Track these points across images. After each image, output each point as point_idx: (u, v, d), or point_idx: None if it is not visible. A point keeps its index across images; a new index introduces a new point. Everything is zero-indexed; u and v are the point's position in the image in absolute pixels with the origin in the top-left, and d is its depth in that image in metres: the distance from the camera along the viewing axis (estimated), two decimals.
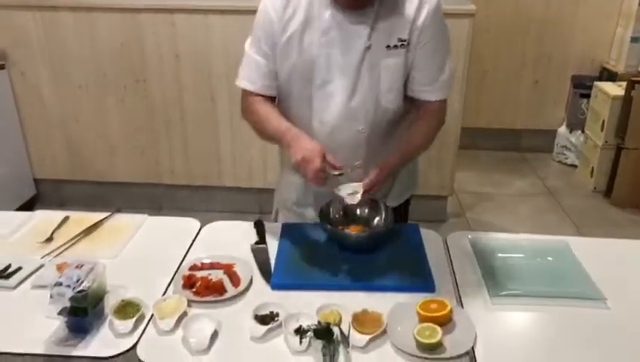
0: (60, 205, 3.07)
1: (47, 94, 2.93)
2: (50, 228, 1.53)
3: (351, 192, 1.33)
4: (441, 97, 1.43)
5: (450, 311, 1.15)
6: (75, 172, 3.10)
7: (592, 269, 1.33)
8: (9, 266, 1.35)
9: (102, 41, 2.79)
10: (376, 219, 1.45)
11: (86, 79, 2.88)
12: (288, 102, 1.47)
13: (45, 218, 1.59)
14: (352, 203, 1.33)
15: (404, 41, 1.35)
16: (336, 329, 1.11)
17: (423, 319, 1.14)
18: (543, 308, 1.22)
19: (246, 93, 1.46)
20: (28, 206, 3.01)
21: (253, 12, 2.21)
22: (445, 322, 1.14)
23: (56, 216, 1.59)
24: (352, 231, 1.41)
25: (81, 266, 1.16)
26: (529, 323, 1.21)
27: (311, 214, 1.58)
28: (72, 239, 1.48)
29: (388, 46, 1.35)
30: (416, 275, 1.31)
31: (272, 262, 1.38)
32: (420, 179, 1.71)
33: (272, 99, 1.47)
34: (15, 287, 1.29)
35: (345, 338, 1.09)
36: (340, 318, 1.16)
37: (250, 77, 1.44)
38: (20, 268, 1.35)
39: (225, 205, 3.06)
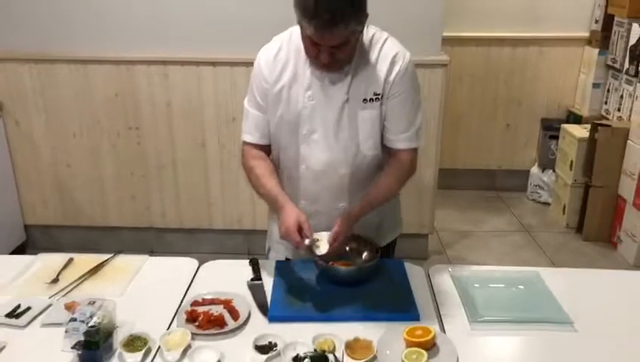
0: (50, 251, 3.11)
1: (40, 142, 3.03)
2: (54, 269, 1.61)
3: (317, 245, 1.44)
4: (410, 146, 1.55)
5: (434, 336, 1.27)
6: (65, 217, 3.17)
7: (561, 296, 1.46)
8: (18, 306, 1.43)
9: (96, 92, 2.92)
10: (364, 254, 1.57)
11: (80, 127, 2.99)
12: (278, 149, 1.60)
13: (49, 260, 1.67)
14: (319, 254, 1.44)
15: (379, 95, 1.49)
16: (331, 356, 1.21)
17: (409, 344, 1.25)
18: (517, 332, 1.35)
19: (246, 146, 1.61)
20: (18, 252, 3.06)
21: (242, 64, 2.38)
22: (430, 346, 1.25)
23: (59, 258, 1.68)
24: (341, 266, 1.52)
25: (94, 303, 1.26)
26: (505, 345, 1.33)
27: (301, 253, 1.69)
28: (77, 279, 1.56)
29: (364, 99, 1.49)
30: (402, 305, 1.42)
31: (268, 296, 1.48)
32: (401, 224, 1.83)
33: (268, 150, 1.61)
34: (25, 326, 1.37)
35: None
36: (334, 346, 1.26)
37: (251, 130, 1.59)
38: (29, 308, 1.42)
39: (215, 247, 3.15)
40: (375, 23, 1.54)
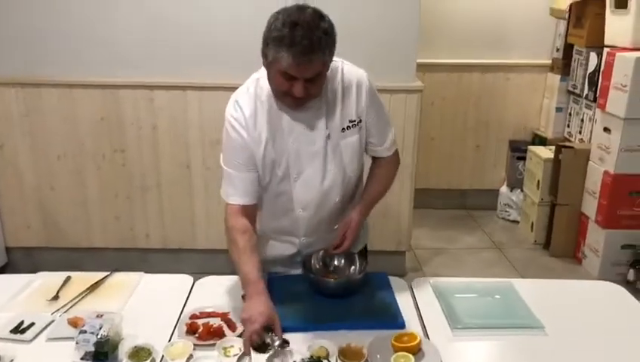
0: (32, 273, 3.13)
1: (24, 164, 3.06)
2: (54, 287, 1.67)
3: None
4: (391, 153, 1.72)
5: (420, 342, 1.38)
6: (48, 239, 3.19)
7: (533, 304, 1.59)
8: (22, 322, 1.49)
9: (82, 115, 2.98)
10: (352, 268, 1.68)
11: (64, 150, 3.04)
12: (269, 199, 1.65)
13: (48, 279, 1.73)
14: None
15: (354, 121, 1.58)
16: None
17: (397, 349, 1.36)
18: (494, 336, 1.48)
19: (232, 208, 1.58)
20: None
21: (227, 88, 2.48)
22: (416, 351, 1.36)
23: (57, 277, 1.74)
24: (331, 279, 1.63)
25: (102, 316, 1.33)
26: (483, 349, 1.46)
27: (291, 269, 1.78)
28: (78, 296, 1.63)
29: (343, 129, 1.58)
30: (388, 314, 1.53)
31: None
32: (370, 231, 1.92)
33: (253, 211, 1.61)
34: (31, 341, 1.43)
35: None
36: (328, 353, 1.36)
37: (235, 192, 1.57)
38: (32, 324, 1.48)
39: (198, 267, 3.18)
40: (353, 51, 1.67)
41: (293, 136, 1.55)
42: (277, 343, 1.35)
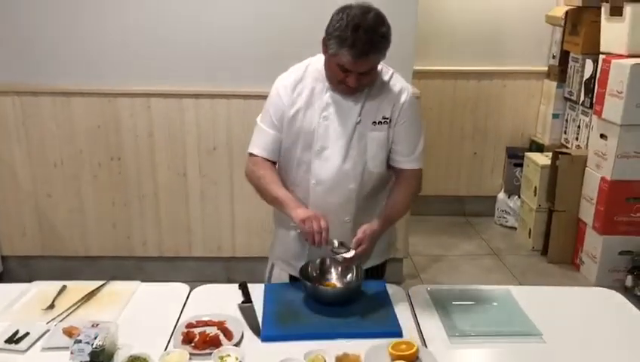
0: (28, 281, 3.11)
1: (20, 172, 3.05)
2: (49, 296, 1.66)
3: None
4: (416, 167, 1.73)
5: (417, 350, 1.37)
6: (44, 247, 3.17)
7: (530, 311, 1.59)
8: (17, 332, 1.47)
9: (79, 123, 2.98)
10: (349, 276, 1.68)
11: (61, 157, 3.03)
12: (289, 165, 1.73)
13: (43, 288, 1.72)
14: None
15: (387, 118, 1.66)
16: None
17: (394, 358, 1.36)
18: (491, 344, 1.47)
19: (254, 159, 1.72)
20: None
21: (222, 96, 2.49)
22: (413, 359, 1.36)
23: (53, 286, 1.73)
24: (328, 287, 1.63)
25: (97, 325, 1.32)
26: (481, 357, 1.45)
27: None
28: (73, 305, 1.62)
29: (374, 122, 1.65)
30: (385, 322, 1.53)
31: (259, 317, 1.56)
32: (394, 246, 1.95)
33: (274, 165, 1.73)
34: (26, 351, 1.42)
35: None
36: (325, 361, 1.36)
37: (260, 144, 1.71)
38: (27, 334, 1.47)
39: (194, 275, 3.19)
40: None
41: (326, 112, 1.65)
42: (336, 243, 1.56)
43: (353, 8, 1.52)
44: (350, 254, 1.56)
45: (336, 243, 1.56)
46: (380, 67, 1.64)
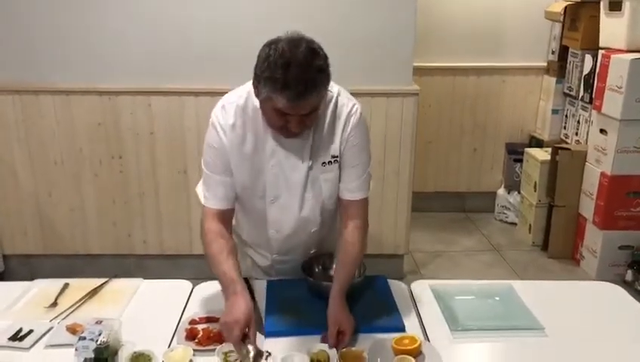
0: (29, 280, 3.11)
1: (20, 171, 3.05)
2: (51, 294, 1.66)
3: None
4: (362, 196, 1.58)
5: (420, 344, 1.38)
6: (45, 246, 3.18)
7: (532, 305, 1.59)
8: (20, 330, 1.48)
9: (79, 122, 2.98)
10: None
11: (61, 156, 3.03)
12: (244, 212, 1.67)
13: (45, 286, 1.73)
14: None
15: (336, 157, 1.54)
16: None
17: (397, 352, 1.36)
18: (494, 338, 1.47)
19: (207, 214, 1.56)
20: None
21: (223, 94, 2.47)
22: (416, 354, 1.36)
23: (55, 283, 1.73)
24: (331, 283, 1.62)
25: (101, 322, 1.33)
26: (484, 351, 1.46)
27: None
28: (76, 302, 1.62)
29: (324, 163, 1.53)
30: (387, 317, 1.53)
31: (262, 313, 1.56)
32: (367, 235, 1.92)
33: (230, 215, 1.59)
34: (30, 348, 1.42)
35: None
36: (328, 356, 1.36)
37: (213, 196, 1.55)
38: (31, 331, 1.47)
39: (195, 273, 3.17)
40: (350, 55, 1.66)
41: (274, 160, 1.52)
42: (251, 354, 1.28)
43: (281, 42, 1.33)
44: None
45: (252, 350, 1.29)
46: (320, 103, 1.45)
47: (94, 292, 1.69)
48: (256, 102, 1.44)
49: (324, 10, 2.78)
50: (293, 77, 1.28)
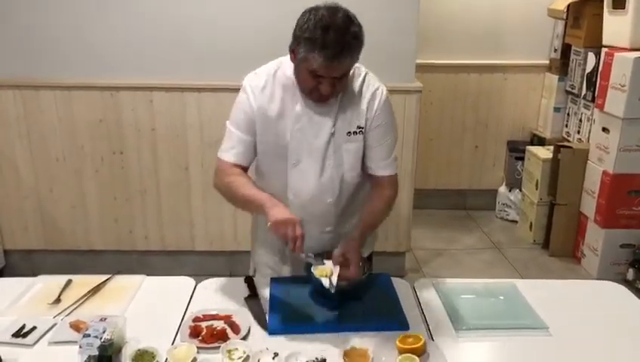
0: (30, 275, 3.11)
1: (22, 166, 3.04)
2: (55, 290, 1.66)
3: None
4: (391, 173, 1.67)
5: (424, 343, 1.38)
6: (46, 242, 3.17)
7: (536, 305, 1.59)
8: (24, 326, 1.47)
9: (80, 117, 2.97)
10: None
11: (63, 152, 3.02)
12: (264, 175, 1.69)
13: (49, 282, 1.72)
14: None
15: (362, 128, 1.60)
16: None
17: (402, 351, 1.36)
18: (498, 337, 1.47)
19: (222, 165, 1.64)
20: None
21: (225, 90, 2.46)
22: (421, 353, 1.36)
23: (58, 279, 1.73)
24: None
25: (105, 319, 1.32)
26: (488, 350, 1.46)
27: (286, 272, 1.78)
28: (80, 299, 1.62)
29: (348, 132, 1.60)
30: (392, 316, 1.53)
31: (265, 311, 1.56)
32: (377, 238, 1.94)
33: (244, 171, 1.65)
34: (33, 345, 1.42)
35: None
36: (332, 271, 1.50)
37: (230, 149, 1.63)
38: (34, 328, 1.47)
39: (197, 269, 3.19)
40: None
41: (299, 125, 1.58)
42: (304, 257, 1.50)
43: (320, 9, 1.44)
44: (332, 282, 1.49)
45: (312, 255, 1.49)
46: (351, 70, 1.56)
47: (97, 288, 1.68)
48: (288, 71, 1.56)
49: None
50: (331, 39, 1.39)
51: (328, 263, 1.57)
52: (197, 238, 3.19)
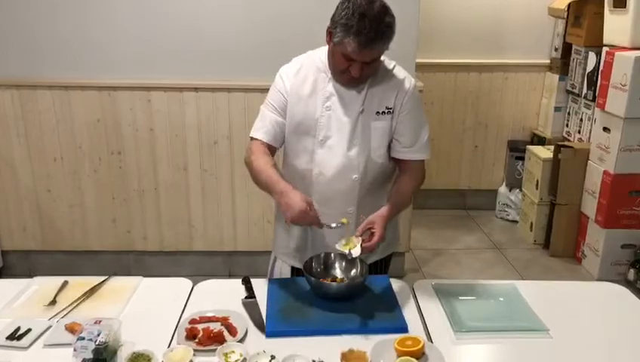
0: (28, 276, 3.09)
1: (19, 166, 3.02)
2: (50, 292, 1.64)
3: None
4: (420, 157, 1.72)
5: (423, 346, 1.36)
6: (44, 242, 3.16)
7: (536, 306, 1.58)
8: (19, 328, 1.46)
9: (78, 117, 2.95)
10: (353, 271, 1.66)
11: (61, 152, 3.01)
12: (292, 153, 1.73)
13: (44, 283, 1.70)
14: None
15: (390, 108, 1.66)
16: None
17: (400, 354, 1.34)
18: (498, 340, 1.46)
19: (252, 144, 1.71)
20: None
21: (224, 89, 2.41)
22: (419, 355, 1.34)
23: (54, 281, 1.71)
24: (332, 282, 1.61)
25: (100, 322, 1.31)
26: (488, 353, 1.44)
27: (309, 255, 1.73)
28: (75, 301, 1.60)
29: (377, 112, 1.65)
30: (390, 318, 1.51)
31: (263, 313, 1.55)
32: (399, 239, 1.93)
33: (271, 152, 1.71)
34: (28, 347, 1.40)
35: None
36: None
37: (261, 128, 1.70)
38: (29, 330, 1.45)
39: (195, 269, 3.18)
40: None
41: (329, 103, 1.65)
42: (329, 225, 1.56)
43: None
44: (358, 252, 1.52)
45: (333, 224, 1.56)
46: (382, 58, 1.63)
47: (93, 290, 1.67)
48: (322, 56, 1.66)
49: (326, 6, 2.75)
50: (366, 26, 1.47)
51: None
52: (195, 239, 3.17)
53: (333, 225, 1.56)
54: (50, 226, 3.13)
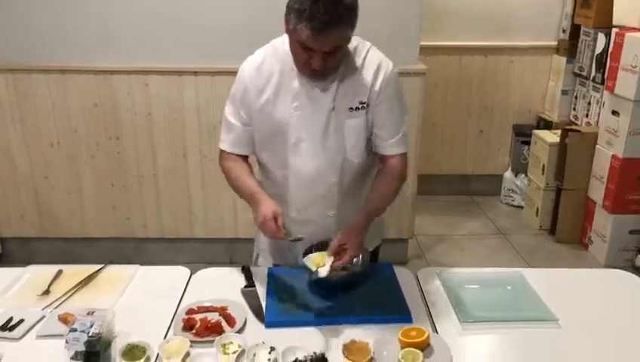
0: (27, 263, 3.06)
1: (16, 153, 2.98)
2: (44, 281, 1.60)
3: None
4: (400, 151, 1.59)
5: (428, 336, 1.31)
6: (43, 229, 3.12)
7: (544, 295, 1.52)
8: (11, 319, 1.42)
9: (75, 102, 2.89)
10: (355, 260, 1.60)
11: (57, 137, 2.96)
12: (265, 159, 1.63)
13: (38, 272, 1.66)
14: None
15: (364, 103, 1.52)
16: (330, 358, 1.25)
17: (404, 345, 1.30)
18: (505, 330, 1.40)
19: (224, 153, 1.63)
20: None
21: (223, 73, 2.35)
22: (424, 347, 1.30)
23: (49, 270, 1.67)
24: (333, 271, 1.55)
25: (93, 313, 1.26)
26: (495, 343, 1.39)
27: (291, 257, 1.72)
28: (70, 290, 1.56)
29: (350, 108, 1.52)
30: (394, 308, 1.46)
31: (262, 302, 1.50)
32: (385, 229, 1.87)
33: (246, 158, 1.63)
34: (20, 338, 1.36)
35: None
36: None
37: (229, 140, 1.60)
38: (22, 320, 1.41)
39: (196, 256, 3.14)
40: (357, 34, 1.59)
41: (297, 102, 1.51)
42: (289, 236, 1.45)
43: None
44: (324, 273, 1.43)
45: (288, 236, 1.45)
46: (355, 43, 1.51)
47: (89, 279, 1.62)
48: (284, 45, 1.50)
49: None
50: (320, 9, 1.32)
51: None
52: (196, 225, 3.13)
53: (291, 238, 1.46)
54: (49, 213, 3.09)
